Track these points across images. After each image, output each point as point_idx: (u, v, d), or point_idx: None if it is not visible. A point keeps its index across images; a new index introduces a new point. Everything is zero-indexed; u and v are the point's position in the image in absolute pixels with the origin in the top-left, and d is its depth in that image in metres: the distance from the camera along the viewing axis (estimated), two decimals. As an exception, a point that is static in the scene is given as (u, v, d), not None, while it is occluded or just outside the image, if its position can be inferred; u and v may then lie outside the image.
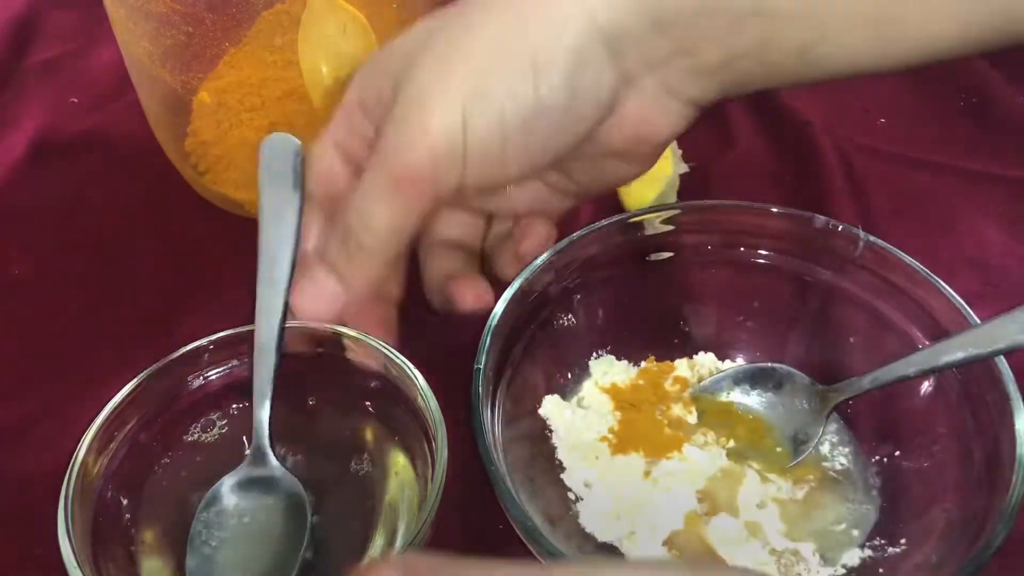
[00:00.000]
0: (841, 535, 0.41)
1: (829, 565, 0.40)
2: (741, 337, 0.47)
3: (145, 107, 0.57)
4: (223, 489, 0.39)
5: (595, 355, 0.47)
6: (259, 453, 0.40)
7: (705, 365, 0.47)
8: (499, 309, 0.41)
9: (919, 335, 0.42)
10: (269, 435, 0.40)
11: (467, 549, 0.28)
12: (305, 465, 0.41)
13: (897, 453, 0.42)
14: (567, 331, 0.46)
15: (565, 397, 0.45)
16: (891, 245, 0.43)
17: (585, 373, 0.47)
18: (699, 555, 0.40)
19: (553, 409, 0.45)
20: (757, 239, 0.46)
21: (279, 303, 0.40)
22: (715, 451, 0.44)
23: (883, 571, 0.39)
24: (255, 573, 0.38)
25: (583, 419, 0.45)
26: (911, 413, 0.43)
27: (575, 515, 0.42)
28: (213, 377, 0.42)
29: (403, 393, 0.40)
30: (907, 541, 0.39)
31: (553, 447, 0.44)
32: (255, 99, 0.53)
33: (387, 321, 0.41)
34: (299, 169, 0.40)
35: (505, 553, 0.35)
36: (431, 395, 0.39)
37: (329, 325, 0.41)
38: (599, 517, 0.41)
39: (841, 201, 0.56)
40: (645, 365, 0.47)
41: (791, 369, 0.45)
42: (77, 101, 0.66)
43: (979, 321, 0.39)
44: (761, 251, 0.46)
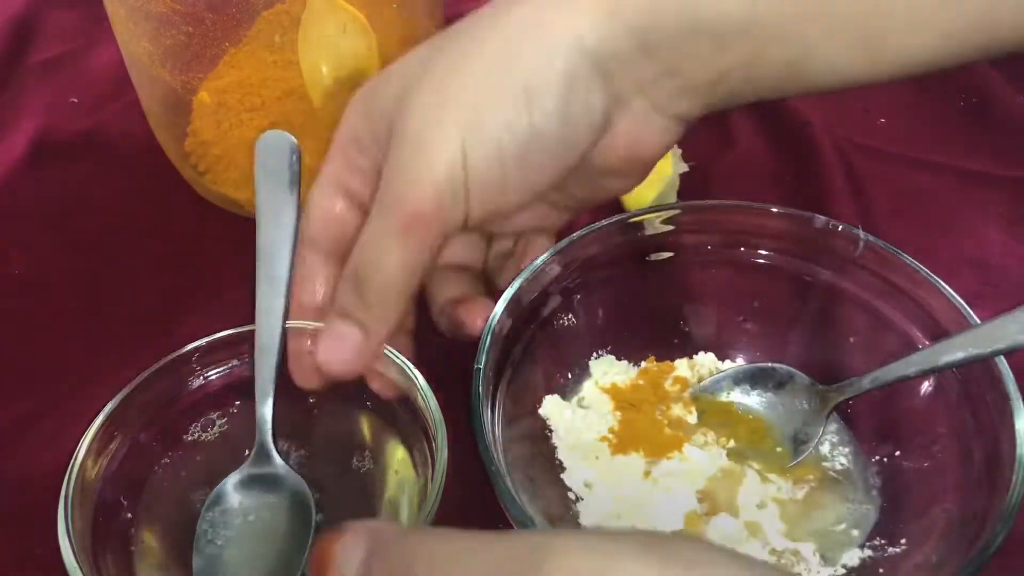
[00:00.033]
0: (841, 535, 0.41)
1: (829, 565, 0.40)
2: (741, 337, 0.47)
3: (145, 107, 0.57)
4: (228, 488, 0.39)
5: (595, 355, 0.47)
6: (263, 451, 0.40)
7: (705, 365, 0.47)
8: (499, 309, 0.41)
9: (919, 335, 0.42)
10: (272, 434, 0.40)
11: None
12: (307, 463, 0.41)
13: (897, 453, 0.42)
14: (567, 331, 0.46)
15: (565, 397, 0.45)
16: (891, 245, 0.43)
17: (585, 373, 0.47)
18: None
19: (553, 409, 0.45)
20: (757, 239, 0.46)
21: (279, 302, 0.40)
22: (715, 451, 0.44)
23: (883, 571, 0.39)
24: (261, 572, 0.38)
25: (583, 419, 0.45)
26: (911, 413, 0.43)
27: (575, 515, 0.42)
28: (213, 377, 0.42)
29: (403, 392, 0.40)
30: (907, 541, 0.39)
31: (553, 447, 0.44)
32: (255, 99, 0.53)
33: (404, 351, 0.41)
34: (295, 167, 0.40)
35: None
36: (431, 395, 0.39)
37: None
38: (599, 517, 0.41)
39: (841, 201, 0.56)
40: (645, 365, 0.47)
41: (791, 369, 0.45)
42: (77, 101, 0.66)
43: (979, 321, 0.39)
44: (761, 251, 0.46)
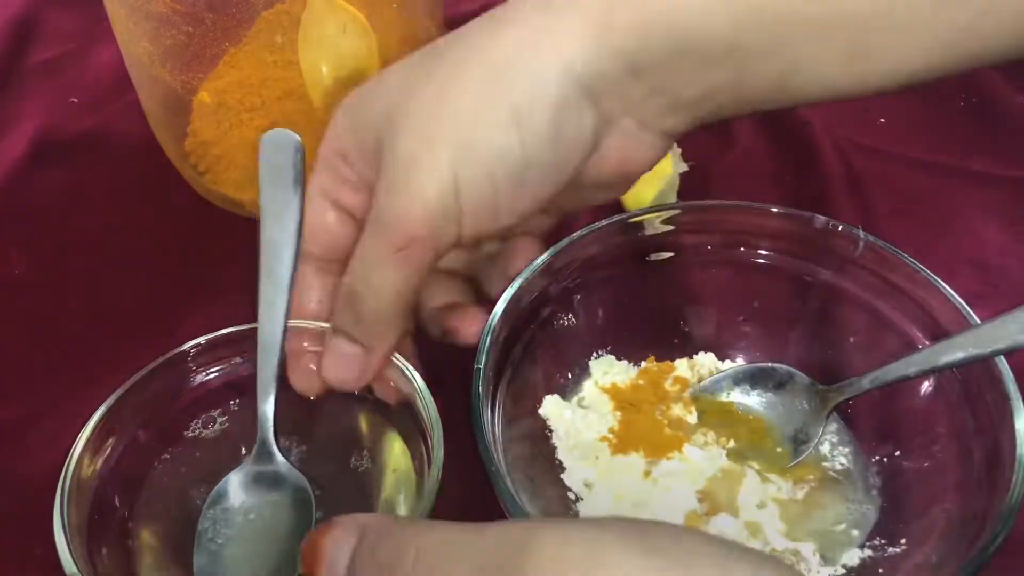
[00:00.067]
0: (841, 535, 0.41)
1: (829, 565, 0.40)
2: (741, 337, 0.47)
3: (145, 107, 0.57)
4: (229, 485, 0.39)
5: (595, 355, 0.47)
6: (264, 449, 0.40)
7: (705, 365, 0.47)
8: (499, 309, 0.41)
9: (919, 335, 0.42)
10: (274, 431, 0.40)
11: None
12: (306, 460, 0.42)
13: (897, 453, 0.42)
14: (567, 331, 0.46)
15: (565, 397, 0.45)
16: (891, 245, 0.43)
17: (585, 373, 0.47)
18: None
19: (553, 409, 0.45)
20: (757, 239, 0.46)
21: (282, 300, 0.40)
22: (715, 451, 0.44)
23: (883, 571, 0.39)
24: (262, 569, 0.38)
25: (583, 419, 0.45)
26: (911, 413, 0.43)
27: (575, 515, 0.42)
28: (214, 374, 0.42)
29: (404, 396, 0.40)
30: (907, 541, 0.39)
31: (553, 447, 0.44)
32: (255, 99, 0.53)
33: (404, 351, 0.42)
34: (299, 165, 0.40)
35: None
36: (428, 395, 0.39)
37: (327, 324, 0.41)
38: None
39: (841, 201, 0.56)
40: (645, 365, 0.47)
41: (791, 369, 0.45)
42: (77, 101, 0.66)
43: (979, 321, 0.39)
44: (761, 251, 0.46)
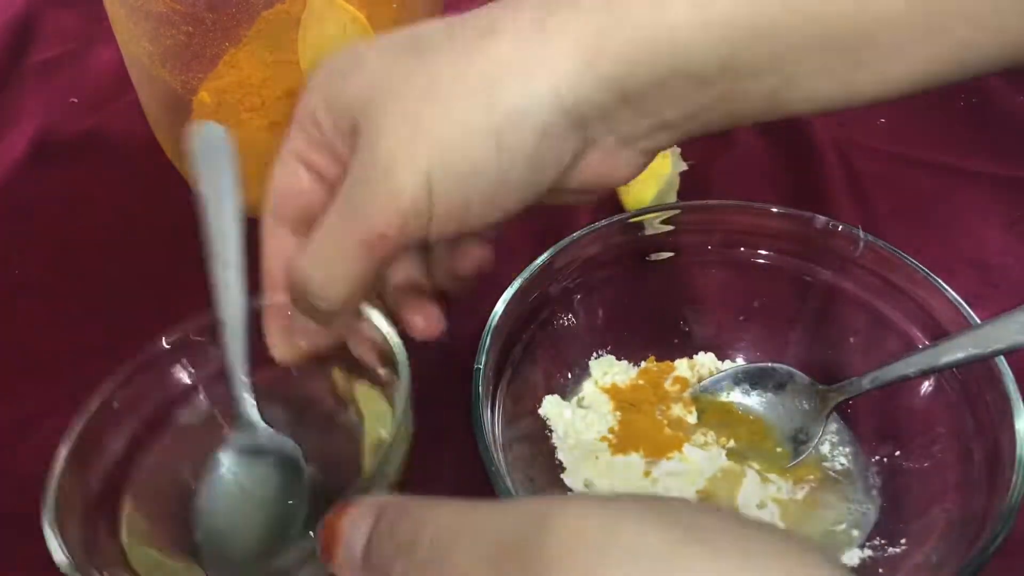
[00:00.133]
0: (841, 535, 0.41)
1: (829, 565, 0.40)
2: (741, 337, 0.47)
3: (145, 107, 0.57)
4: (218, 462, 0.40)
5: (595, 355, 0.47)
6: (246, 422, 0.40)
7: (705, 365, 0.47)
8: (499, 309, 0.41)
9: (919, 335, 0.42)
10: (253, 402, 0.40)
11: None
12: (290, 424, 0.42)
13: (897, 453, 0.42)
14: (567, 331, 0.46)
15: (565, 397, 0.45)
16: (891, 245, 0.43)
17: (585, 373, 0.47)
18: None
19: (553, 409, 0.45)
20: (757, 239, 0.46)
21: (236, 279, 0.40)
22: (715, 451, 0.44)
23: (883, 571, 0.39)
24: (263, 534, 0.39)
25: (583, 419, 0.45)
26: (911, 413, 0.43)
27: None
28: (196, 356, 0.42)
29: (374, 343, 0.40)
30: (907, 541, 0.39)
31: (553, 447, 0.44)
32: (255, 99, 0.53)
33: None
34: (230, 153, 0.42)
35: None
36: (392, 332, 0.38)
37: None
38: (599, 517, 0.41)
39: (841, 201, 0.56)
40: (645, 365, 0.47)
41: (791, 369, 0.45)
42: (77, 101, 0.67)
43: (979, 321, 0.39)
44: (761, 251, 0.46)
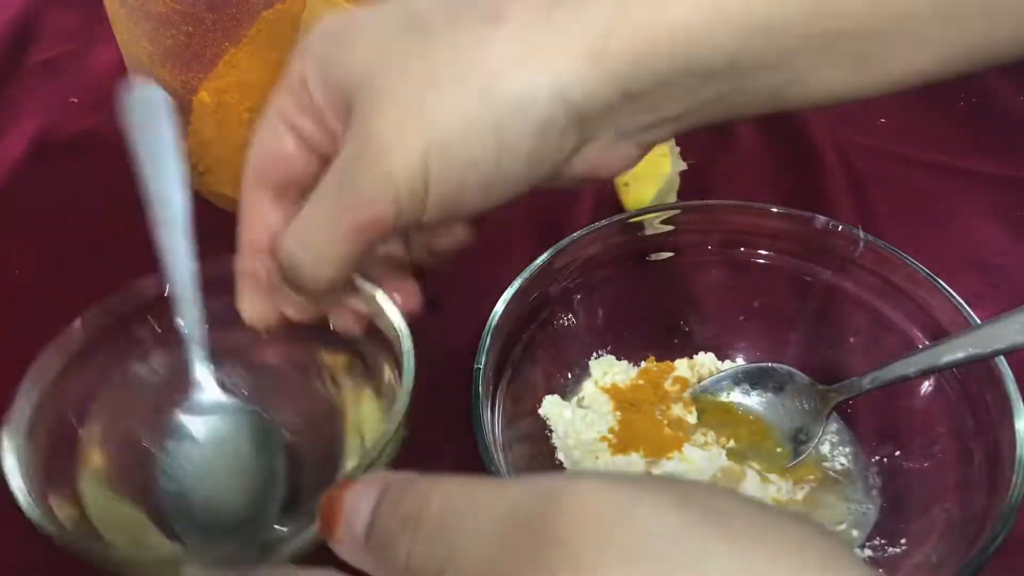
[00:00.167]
0: (841, 535, 0.41)
1: (829, 565, 0.40)
2: (741, 337, 0.47)
3: (145, 107, 0.57)
4: (178, 421, 0.40)
5: (595, 355, 0.47)
6: (201, 385, 0.40)
7: (705, 365, 0.47)
8: (499, 309, 0.41)
9: (919, 335, 0.42)
10: (210, 363, 0.40)
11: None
12: (255, 386, 0.42)
13: (897, 453, 0.42)
14: (567, 331, 0.46)
15: (565, 397, 0.45)
16: (891, 245, 0.43)
17: (585, 373, 0.47)
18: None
19: (553, 409, 0.45)
20: (757, 239, 0.46)
21: (183, 245, 0.40)
22: (715, 451, 0.44)
23: (883, 571, 0.39)
24: (239, 501, 0.39)
25: (583, 419, 0.45)
26: (911, 413, 0.43)
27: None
28: (158, 314, 0.42)
29: (361, 316, 0.39)
30: (907, 541, 0.39)
31: (553, 447, 0.44)
32: (255, 99, 0.53)
33: (404, 289, 0.40)
34: (169, 114, 0.41)
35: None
36: (394, 310, 0.38)
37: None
38: (599, 517, 0.41)
39: (841, 201, 0.56)
40: (645, 365, 0.47)
41: (791, 369, 0.45)
42: (77, 101, 0.66)
43: (979, 321, 0.39)
44: (761, 251, 0.46)
